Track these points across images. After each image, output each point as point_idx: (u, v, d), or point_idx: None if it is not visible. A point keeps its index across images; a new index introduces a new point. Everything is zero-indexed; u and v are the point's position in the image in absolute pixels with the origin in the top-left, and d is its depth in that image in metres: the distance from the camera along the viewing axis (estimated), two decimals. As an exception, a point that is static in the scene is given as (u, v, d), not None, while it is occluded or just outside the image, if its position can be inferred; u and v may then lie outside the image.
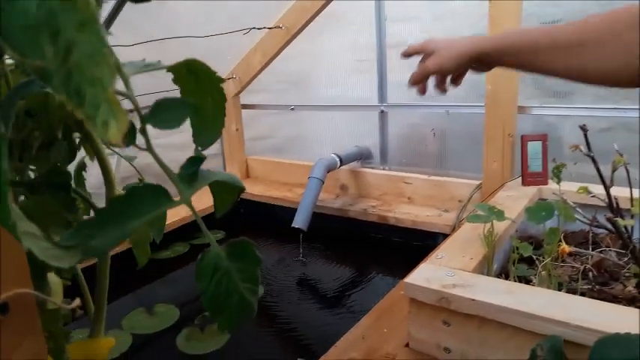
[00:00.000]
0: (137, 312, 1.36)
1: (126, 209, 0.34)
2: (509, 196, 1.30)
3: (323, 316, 1.36)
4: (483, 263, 0.98)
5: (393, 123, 1.89)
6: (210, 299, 0.37)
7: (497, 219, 0.97)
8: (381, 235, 1.74)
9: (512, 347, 0.81)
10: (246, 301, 0.39)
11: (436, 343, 0.90)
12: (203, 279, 0.37)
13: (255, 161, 2.24)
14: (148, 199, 0.35)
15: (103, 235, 0.33)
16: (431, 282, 0.87)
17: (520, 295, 0.81)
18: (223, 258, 0.37)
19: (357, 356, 0.92)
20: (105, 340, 0.59)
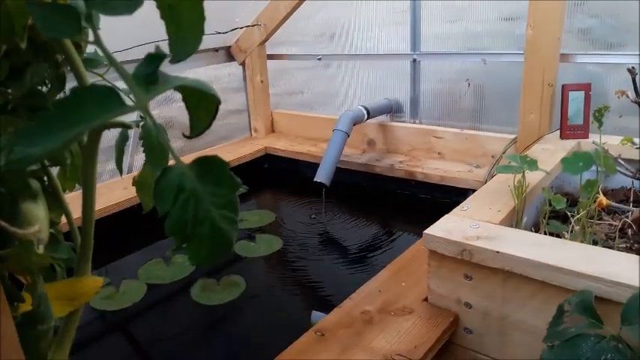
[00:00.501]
0: (154, 262, 1.34)
1: (70, 113, 0.29)
2: (545, 149, 1.21)
3: (342, 271, 1.32)
4: (512, 216, 0.91)
5: (425, 75, 1.79)
6: (174, 225, 0.32)
7: (529, 169, 0.89)
8: (408, 192, 1.67)
9: (538, 303, 0.75)
10: (220, 230, 0.34)
11: (456, 298, 0.85)
12: (163, 200, 0.31)
13: (281, 115, 2.18)
14: (96, 103, 0.29)
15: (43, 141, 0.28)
16: (452, 233, 0.81)
17: (550, 249, 0.74)
18: (190, 178, 0.32)
19: (372, 309, 0.88)
20: (91, 279, 0.56)
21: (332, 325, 0.85)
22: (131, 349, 1.06)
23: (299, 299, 1.21)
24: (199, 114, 0.37)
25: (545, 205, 0.93)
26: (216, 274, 1.28)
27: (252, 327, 1.10)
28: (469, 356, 0.87)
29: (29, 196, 0.52)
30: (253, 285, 1.23)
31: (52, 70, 0.54)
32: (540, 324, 0.75)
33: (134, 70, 0.31)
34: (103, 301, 1.17)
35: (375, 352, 0.78)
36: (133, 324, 1.13)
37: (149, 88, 0.30)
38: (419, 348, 0.78)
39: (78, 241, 0.57)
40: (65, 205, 0.57)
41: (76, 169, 0.65)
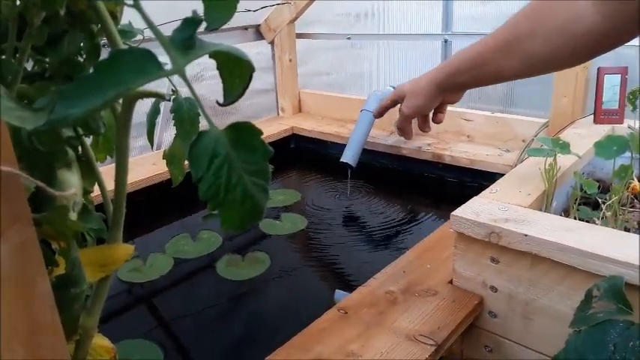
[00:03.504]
0: (181, 237, 1.36)
1: (109, 75, 0.29)
2: (577, 134, 1.18)
3: (367, 252, 1.32)
4: (541, 200, 0.90)
5: (455, 57, 1.76)
6: (208, 189, 0.32)
7: (560, 152, 0.87)
8: (435, 175, 1.66)
9: (565, 288, 0.74)
10: (251, 197, 0.34)
11: (482, 282, 0.84)
12: (198, 165, 0.32)
13: (308, 95, 2.17)
14: (135, 66, 0.30)
15: (81, 102, 0.29)
16: (480, 215, 0.80)
17: (579, 233, 0.73)
18: (224, 143, 0.32)
19: (396, 289, 0.88)
20: (123, 246, 0.57)
21: (355, 304, 0.85)
22: (156, 319, 1.08)
23: (322, 278, 1.21)
24: (233, 82, 0.37)
25: (577, 190, 0.92)
26: (241, 250, 1.29)
27: (275, 303, 1.11)
28: (492, 340, 0.87)
29: (64, 163, 0.53)
30: (277, 262, 1.24)
31: (87, 41, 0.55)
32: (566, 309, 0.75)
33: (171, 34, 0.31)
34: (130, 273, 1.19)
35: (398, 331, 0.78)
36: (160, 295, 1.15)
37: (186, 52, 0.30)
38: (442, 330, 0.78)
39: (110, 209, 0.59)
40: (98, 174, 0.58)
41: (108, 142, 0.66)
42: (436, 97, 0.86)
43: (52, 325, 0.37)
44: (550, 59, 0.69)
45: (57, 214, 0.43)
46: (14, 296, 0.34)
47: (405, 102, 0.90)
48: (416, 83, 0.88)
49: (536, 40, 0.67)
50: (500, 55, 0.72)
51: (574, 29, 0.64)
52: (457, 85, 0.84)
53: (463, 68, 0.80)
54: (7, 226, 0.33)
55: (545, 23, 0.66)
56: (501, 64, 0.73)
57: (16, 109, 0.26)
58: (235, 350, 0.96)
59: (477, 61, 0.76)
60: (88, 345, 0.53)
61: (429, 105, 0.88)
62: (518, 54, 0.70)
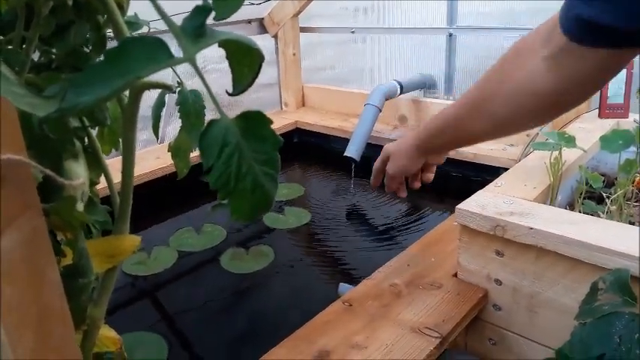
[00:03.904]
0: (185, 231, 1.37)
1: (120, 63, 0.29)
2: (582, 128, 1.18)
3: (370, 247, 1.32)
4: (546, 194, 0.90)
5: (461, 51, 1.75)
6: (218, 178, 0.32)
7: (566, 146, 0.87)
8: (438, 169, 1.65)
9: (570, 281, 0.74)
10: (261, 186, 0.34)
11: (487, 275, 0.84)
12: (208, 153, 0.32)
13: (312, 89, 2.17)
14: (145, 54, 0.30)
15: (91, 91, 0.29)
16: (486, 208, 0.80)
17: (584, 226, 0.73)
18: (234, 132, 0.32)
19: (400, 282, 0.88)
20: (129, 237, 0.57)
21: (360, 296, 0.85)
22: (161, 312, 1.09)
23: (326, 271, 1.21)
24: (242, 71, 0.37)
25: (582, 184, 0.92)
26: (245, 243, 1.30)
27: (279, 296, 1.11)
28: (496, 333, 0.87)
29: (71, 154, 0.53)
30: (281, 256, 1.25)
31: (93, 32, 0.55)
32: (571, 302, 0.75)
33: (182, 22, 0.31)
34: (134, 266, 1.20)
35: (403, 324, 0.78)
36: (164, 288, 1.16)
37: (196, 40, 0.30)
38: (447, 322, 0.78)
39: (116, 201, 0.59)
40: (105, 166, 0.58)
41: (113, 134, 0.66)
42: (418, 158, 0.88)
43: (61, 313, 0.38)
44: (513, 120, 0.69)
45: (65, 204, 0.43)
46: (25, 284, 0.35)
47: (390, 163, 0.91)
48: (399, 145, 0.90)
49: (498, 101, 0.68)
50: (471, 116, 0.73)
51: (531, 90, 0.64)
52: (435, 147, 0.86)
53: (439, 131, 0.81)
54: (18, 214, 0.33)
55: (504, 85, 0.67)
56: (474, 126, 0.73)
57: (26, 96, 0.26)
58: (239, 343, 0.97)
59: (451, 123, 0.77)
60: (96, 335, 0.53)
61: (412, 166, 0.89)
62: (485, 115, 0.71)
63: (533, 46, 0.64)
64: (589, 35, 0.54)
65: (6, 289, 0.34)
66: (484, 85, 0.72)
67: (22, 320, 0.35)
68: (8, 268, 0.34)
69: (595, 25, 0.52)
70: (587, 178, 0.90)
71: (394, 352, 0.72)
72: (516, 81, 0.65)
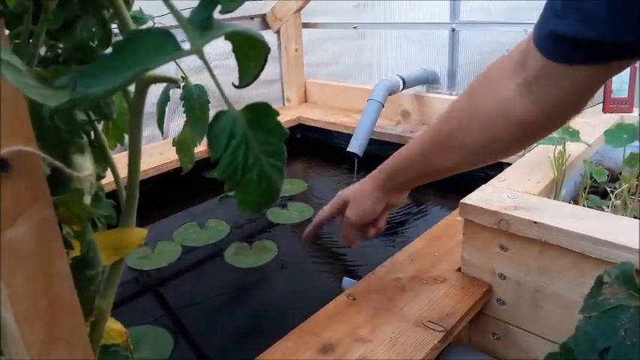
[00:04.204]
0: (189, 226, 1.37)
1: (128, 55, 0.29)
2: (586, 123, 1.17)
3: (373, 242, 1.31)
4: (550, 188, 0.90)
5: (464, 46, 1.75)
6: (226, 169, 0.33)
7: (570, 140, 0.87)
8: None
9: (575, 275, 0.74)
10: (268, 178, 0.34)
11: (491, 269, 0.84)
12: (216, 145, 0.32)
13: (314, 85, 2.17)
14: (153, 46, 0.30)
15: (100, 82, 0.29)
16: (490, 203, 0.80)
17: (589, 220, 0.73)
18: (241, 124, 0.33)
19: (404, 276, 0.88)
20: (136, 230, 0.57)
21: (364, 290, 0.86)
22: (166, 306, 1.09)
23: (329, 266, 1.22)
24: (248, 64, 0.37)
25: (586, 179, 0.92)
26: (249, 238, 1.30)
27: (283, 290, 1.12)
28: (500, 327, 0.87)
29: (78, 148, 0.53)
30: (285, 250, 1.25)
31: (99, 27, 0.55)
32: (576, 297, 0.75)
33: (189, 14, 0.31)
34: (138, 261, 1.20)
35: (407, 317, 0.78)
36: (168, 283, 1.16)
37: (204, 32, 0.31)
38: (451, 316, 0.79)
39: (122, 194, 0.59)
40: (111, 159, 0.59)
41: (118, 129, 0.66)
42: (382, 199, 0.85)
43: (70, 304, 0.38)
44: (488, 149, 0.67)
45: (73, 196, 0.44)
46: (35, 274, 0.35)
47: (350, 209, 0.87)
48: (359, 189, 0.86)
49: (471, 132, 0.65)
50: (440, 150, 0.71)
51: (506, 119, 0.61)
52: (400, 184, 0.83)
53: (405, 167, 0.78)
54: (28, 205, 0.34)
55: (477, 115, 0.64)
56: (443, 160, 0.71)
57: (38, 88, 0.26)
58: (243, 336, 0.97)
59: (418, 158, 0.75)
60: (103, 327, 0.54)
61: (375, 209, 0.86)
62: (456, 147, 0.68)
63: (504, 73, 0.61)
64: (567, 51, 0.51)
65: (16, 279, 0.35)
66: (452, 118, 0.69)
67: (33, 311, 0.36)
68: (19, 259, 0.34)
69: (572, 40, 0.49)
70: (591, 172, 0.90)
71: (398, 346, 0.72)
72: (488, 111, 0.63)
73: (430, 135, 0.73)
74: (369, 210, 0.85)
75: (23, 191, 0.33)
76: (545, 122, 0.61)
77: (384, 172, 0.82)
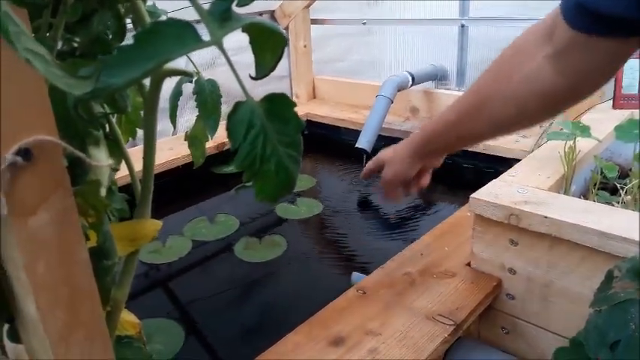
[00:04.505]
0: (199, 220, 1.38)
1: (149, 46, 0.30)
2: (596, 119, 1.17)
3: (382, 237, 1.33)
4: (560, 183, 0.90)
5: (473, 42, 1.74)
6: (244, 159, 0.33)
7: (581, 135, 0.87)
8: (450, 161, 1.64)
9: (585, 270, 0.74)
10: (285, 168, 0.35)
11: (500, 264, 0.85)
12: (235, 135, 0.32)
13: (323, 81, 2.17)
14: (174, 37, 0.30)
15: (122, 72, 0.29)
16: (500, 198, 0.81)
17: (599, 215, 0.73)
18: (259, 115, 0.33)
19: (414, 271, 0.89)
20: (151, 222, 0.58)
21: (373, 285, 0.86)
22: (177, 299, 1.10)
23: (338, 261, 1.22)
24: (265, 55, 0.38)
25: (596, 174, 0.92)
26: (258, 233, 1.31)
27: (292, 284, 1.12)
28: (509, 321, 0.87)
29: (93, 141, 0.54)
30: (294, 245, 1.26)
31: (114, 21, 0.56)
32: (585, 291, 0.75)
33: (210, 6, 0.31)
34: (149, 255, 1.21)
35: (417, 311, 0.79)
36: (179, 277, 1.17)
37: (223, 24, 0.31)
38: (461, 310, 0.79)
39: (137, 187, 0.60)
40: (125, 152, 0.60)
41: (131, 123, 0.67)
42: (414, 163, 0.87)
43: (90, 292, 0.39)
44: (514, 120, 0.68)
45: (90, 187, 0.44)
46: (56, 263, 0.36)
47: (386, 169, 0.90)
48: (395, 152, 0.89)
49: (499, 104, 0.67)
50: (469, 119, 0.72)
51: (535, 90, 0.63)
52: (433, 151, 0.85)
53: (436, 134, 0.81)
54: (49, 193, 0.34)
55: (504, 85, 0.66)
56: (471, 128, 0.73)
57: (64, 77, 0.27)
58: (254, 330, 0.98)
59: (449, 126, 0.77)
60: (119, 317, 0.55)
61: (408, 171, 0.88)
62: (483, 118, 0.70)
63: (531, 45, 0.62)
64: (590, 23, 0.52)
65: (38, 268, 0.35)
66: (480, 89, 0.71)
67: (53, 299, 0.37)
68: (40, 247, 0.35)
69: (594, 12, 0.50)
70: (601, 167, 0.90)
71: (408, 339, 0.73)
72: (517, 82, 0.64)
73: (459, 105, 0.75)
74: (403, 172, 0.88)
75: (45, 180, 0.34)
76: (571, 94, 0.62)
77: (417, 139, 0.85)
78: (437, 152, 0.87)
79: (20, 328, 0.41)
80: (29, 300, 0.36)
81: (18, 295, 0.37)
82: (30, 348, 0.41)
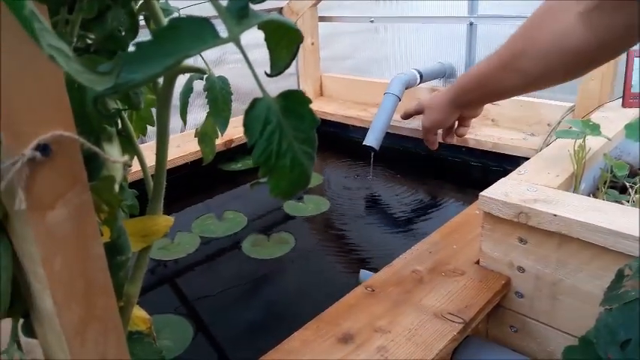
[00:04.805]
0: (207, 217, 1.39)
1: (168, 43, 0.30)
2: (605, 118, 1.17)
3: (390, 235, 1.33)
4: (570, 182, 0.90)
5: (482, 40, 1.74)
6: (261, 155, 0.33)
7: (591, 134, 0.87)
8: (459, 159, 1.65)
9: (595, 269, 0.74)
10: (300, 164, 0.35)
11: (509, 262, 0.84)
12: (252, 131, 0.33)
13: (330, 79, 2.17)
14: (192, 34, 0.31)
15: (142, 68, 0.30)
16: (509, 196, 0.80)
17: (610, 214, 0.73)
18: (276, 111, 0.33)
19: (422, 269, 0.89)
20: (163, 217, 0.58)
21: (382, 282, 0.86)
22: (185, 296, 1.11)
23: (346, 258, 1.22)
24: (280, 53, 0.38)
25: (606, 173, 0.91)
26: (266, 230, 1.31)
27: (300, 282, 1.13)
28: (518, 320, 0.87)
29: (107, 137, 0.54)
30: (302, 243, 1.26)
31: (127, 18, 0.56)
32: (595, 290, 0.75)
33: (227, 3, 0.31)
34: (158, 251, 1.22)
35: (426, 309, 0.79)
36: (187, 273, 1.17)
37: (240, 21, 0.31)
38: (470, 308, 0.79)
39: (149, 183, 0.60)
40: (138, 148, 0.60)
41: (142, 120, 0.67)
42: (452, 112, 0.90)
43: (105, 286, 0.39)
44: (544, 76, 0.70)
45: (105, 183, 0.45)
46: (72, 257, 0.36)
47: (425, 116, 0.94)
48: (434, 99, 0.92)
49: (529, 58, 0.69)
50: (502, 73, 0.74)
51: (564, 46, 0.64)
52: (467, 102, 0.87)
53: (471, 86, 0.82)
54: (67, 189, 0.35)
55: (536, 41, 0.67)
56: (503, 82, 0.75)
57: (85, 73, 0.27)
58: (262, 326, 0.98)
59: (482, 79, 0.79)
60: (131, 312, 0.55)
61: (446, 120, 0.91)
62: (516, 72, 0.72)
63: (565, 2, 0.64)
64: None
65: (55, 263, 0.36)
66: (515, 43, 0.72)
67: (69, 293, 0.37)
68: (57, 243, 0.35)
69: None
70: (611, 166, 0.89)
71: (417, 337, 0.73)
72: (548, 38, 0.66)
73: (493, 58, 0.76)
74: (441, 120, 0.91)
75: (63, 175, 0.34)
76: (599, 52, 0.64)
77: (454, 88, 0.87)
78: (473, 103, 0.88)
79: (35, 322, 0.41)
80: (46, 294, 0.36)
81: (34, 290, 0.37)
82: (45, 342, 0.41)
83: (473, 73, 0.81)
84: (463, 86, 0.84)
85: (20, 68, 0.31)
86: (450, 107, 0.88)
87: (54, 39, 0.27)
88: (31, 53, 0.31)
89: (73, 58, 0.28)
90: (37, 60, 0.31)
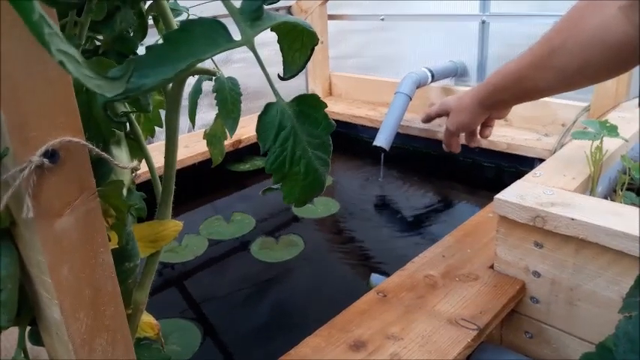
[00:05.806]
0: (215, 219, 1.38)
1: (181, 46, 0.29)
2: (621, 118, 1.15)
3: (400, 239, 1.31)
4: (586, 184, 0.88)
5: (494, 38, 1.71)
6: (274, 161, 0.32)
7: (608, 135, 0.85)
8: (471, 160, 1.63)
9: (613, 274, 0.72)
10: (314, 170, 0.34)
11: (524, 267, 0.83)
12: (265, 137, 0.31)
13: (339, 78, 2.15)
14: (205, 37, 0.29)
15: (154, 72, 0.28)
16: (525, 199, 0.79)
17: (628, 217, 0.71)
18: (289, 116, 0.32)
19: (435, 273, 0.87)
20: (172, 222, 0.57)
21: (394, 287, 0.85)
22: (193, 299, 1.10)
23: (356, 261, 1.21)
24: (293, 55, 0.37)
25: (623, 175, 0.89)
26: (274, 232, 1.30)
27: (310, 285, 1.11)
28: (533, 326, 0.85)
29: (115, 140, 0.53)
30: (311, 245, 1.25)
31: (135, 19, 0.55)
32: (613, 295, 0.73)
33: (241, 5, 0.30)
34: (166, 254, 1.21)
35: (439, 315, 0.77)
36: (195, 276, 1.16)
37: (254, 23, 0.30)
38: (484, 314, 0.77)
39: (158, 187, 0.59)
40: (146, 151, 0.59)
41: (149, 122, 0.66)
42: (480, 114, 0.87)
43: (113, 294, 0.38)
44: (581, 72, 0.67)
45: (113, 188, 0.44)
46: (81, 265, 0.35)
47: (450, 118, 0.90)
48: (460, 100, 0.88)
49: (567, 53, 0.67)
50: (535, 70, 0.72)
51: (604, 41, 0.62)
52: (498, 102, 0.84)
53: (503, 85, 0.79)
54: (75, 196, 0.34)
55: (574, 36, 0.65)
56: (537, 80, 0.72)
57: (95, 78, 0.26)
58: (271, 331, 0.97)
59: (515, 77, 0.76)
60: (139, 318, 0.54)
61: (473, 122, 0.88)
62: (551, 69, 0.69)
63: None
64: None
65: (63, 271, 0.35)
66: (552, 38, 0.70)
67: (77, 302, 0.36)
68: (65, 251, 0.34)
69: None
70: (629, 168, 0.87)
71: (431, 344, 0.71)
72: (588, 32, 0.64)
73: (527, 55, 0.74)
74: (467, 122, 0.88)
75: (71, 182, 0.33)
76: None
77: (483, 89, 0.84)
78: (503, 104, 0.85)
79: (43, 331, 0.40)
80: (53, 303, 0.35)
81: (42, 299, 0.36)
82: (52, 351, 0.40)
83: (504, 71, 0.79)
84: (494, 86, 0.81)
85: (29, 73, 0.30)
86: (480, 108, 0.85)
87: (63, 44, 0.26)
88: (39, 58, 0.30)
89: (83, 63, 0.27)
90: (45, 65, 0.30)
